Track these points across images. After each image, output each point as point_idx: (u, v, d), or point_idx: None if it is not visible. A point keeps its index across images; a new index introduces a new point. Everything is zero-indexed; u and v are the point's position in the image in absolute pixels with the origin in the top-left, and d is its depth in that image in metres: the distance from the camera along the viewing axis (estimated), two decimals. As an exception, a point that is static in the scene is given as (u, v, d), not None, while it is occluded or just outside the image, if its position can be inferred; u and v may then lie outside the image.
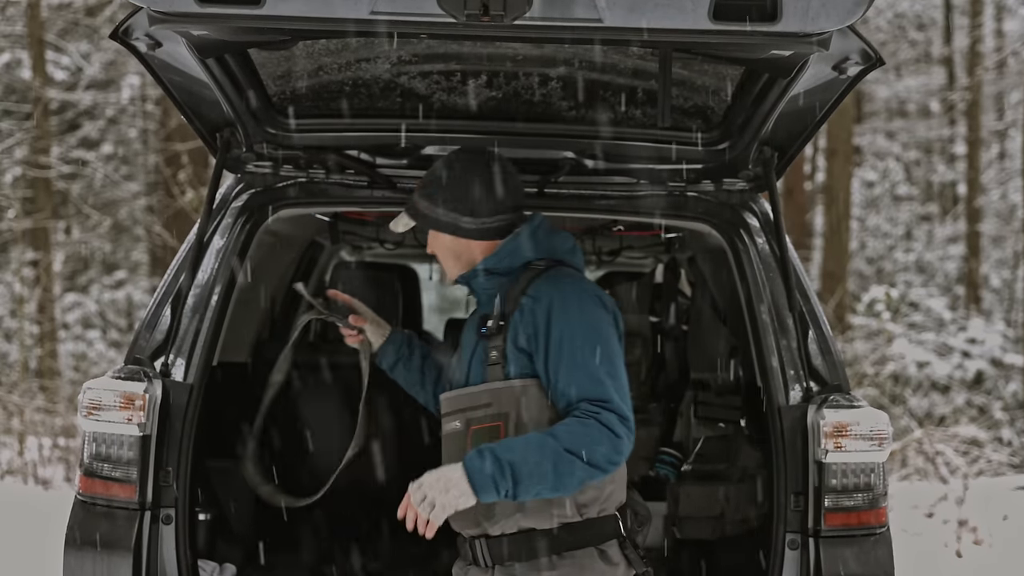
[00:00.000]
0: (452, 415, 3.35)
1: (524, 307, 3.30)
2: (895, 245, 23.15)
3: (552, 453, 3.10)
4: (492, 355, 3.30)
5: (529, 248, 3.43)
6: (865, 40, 3.27)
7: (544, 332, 3.25)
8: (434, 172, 3.48)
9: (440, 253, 3.52)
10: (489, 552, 3.31)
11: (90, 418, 3.87)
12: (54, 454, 11.45)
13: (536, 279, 3.35)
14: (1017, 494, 10.67)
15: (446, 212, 3.44)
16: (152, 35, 3.38)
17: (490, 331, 3.33)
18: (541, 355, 3.25)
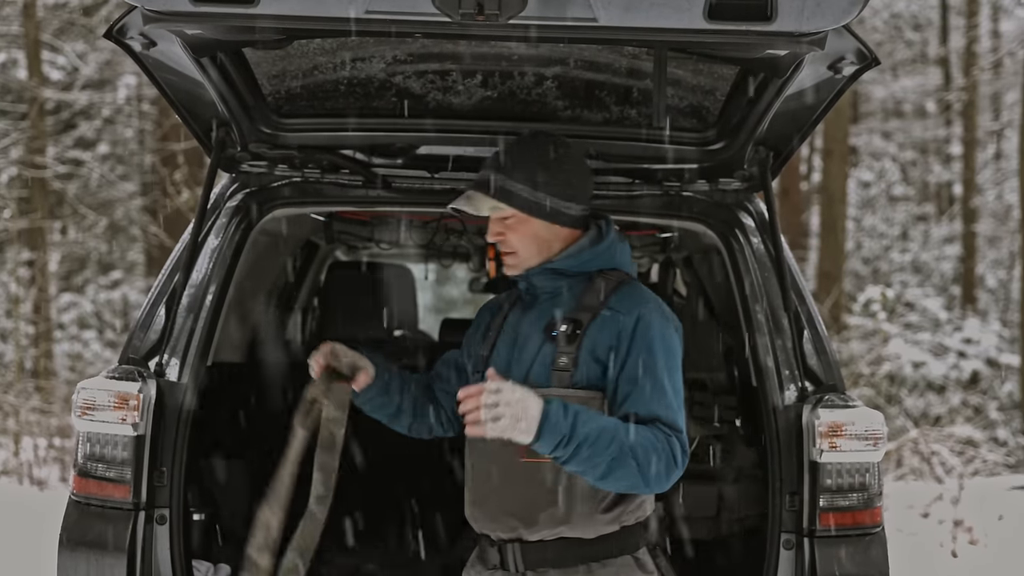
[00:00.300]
0: None
1: (605, 318, 3.20)
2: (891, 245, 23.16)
3: (618, 447, 3.01)
4: (561, 360, 3.18)
5: (613, 255, 3.33)
6: (860, 40, 3.27)
7: (627, 348, 3.17)
8: (525, 152, 3.25)
9: (522, 242, 3.26)
10: (523, 558, 3.22)
11: (84, 418, 3.87)
12: (49, 454, 11.44)
13: (615, 291, 3.25)
14: (1012, 494, 10.68)
15: (547, 196, 3.24)
16: (146, 34, 3.37)
17: (562, 335, 3.20)
18: (617, 370, 3.16)
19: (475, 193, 3.24)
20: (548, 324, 3.25)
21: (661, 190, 4.34)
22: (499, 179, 3.21)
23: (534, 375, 3.21)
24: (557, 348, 3.20)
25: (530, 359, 3.24)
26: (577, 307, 3.24)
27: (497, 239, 3.27)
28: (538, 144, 3.27)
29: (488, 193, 3.22)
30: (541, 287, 3.30)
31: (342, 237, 6.03)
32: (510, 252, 3.28)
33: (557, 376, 3.18)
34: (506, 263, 3.30)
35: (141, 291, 20.01)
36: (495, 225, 3.27)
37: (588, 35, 3.20)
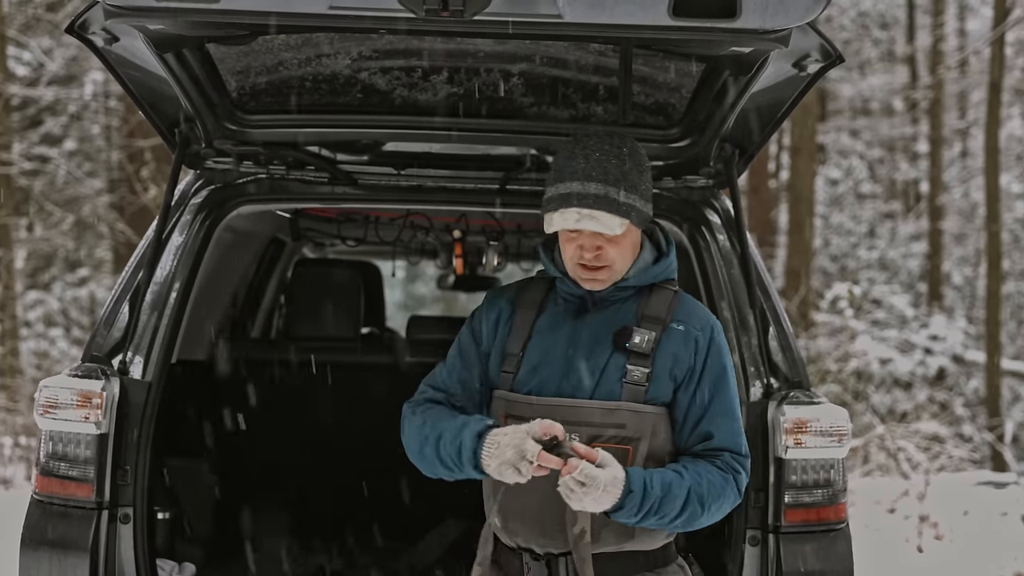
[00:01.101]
0: (573, 426, 3.06)
1: (678, 333, 3.14)
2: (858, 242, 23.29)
3: (688, 498, 3.02)
4: (636, 375, 3.10)
5: (673, 267, 3.27)
6: (824, 37, 3.28)
7: (702, 366, 3.14)
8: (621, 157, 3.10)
9: (622, 255, 3.14)
10: (576, 572, 3.12)
11: (47, 416, 3.84)
12: (15, 453, 11.35)
13: (677, 304, 3.21)
14: (978, 490, 10.76)
15: (647, 203, 3.15)
16: (109, 29, 3.34)
17: (636, 348, 3.11)
18: (692, 388, 3.13)
19: (600, 212, 3.04)
20: (619, 334, 3.14)
21: (627, 187, 4.33)
22: (617, 193, 3.05)
23: (604, 388, 3.12)
24: (629, 360, 3.12)
25: (598, 369, 3.13)
26: (643, 318, 3.17)
27: (594, 253, 3.09)
28: (623, 145, 3.14)
29: (613, 211, 3.04)
30: (604, 295, 3.20)
31: (308, 234, 6.02)
32: (605, 266, 3.12)
33: (630, 390, 3.11)
34: (596, 278, 3.13)
35: (108, 288, 19.87)
36: (594, 240, 3.08)
37: (553, 31, 3.20)
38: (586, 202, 3.04)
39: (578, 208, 3.04)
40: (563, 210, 3.06)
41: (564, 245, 3.15)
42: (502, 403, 3.20)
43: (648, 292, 3.23)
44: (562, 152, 3.15)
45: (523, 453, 2.93)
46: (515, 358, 3.21)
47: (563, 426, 2.99)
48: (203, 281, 4.34)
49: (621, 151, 3.11)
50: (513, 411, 3.15)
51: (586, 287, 3.16)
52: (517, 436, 2.96)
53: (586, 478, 2.91)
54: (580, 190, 3.05)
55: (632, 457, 3.09)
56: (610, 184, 3.05)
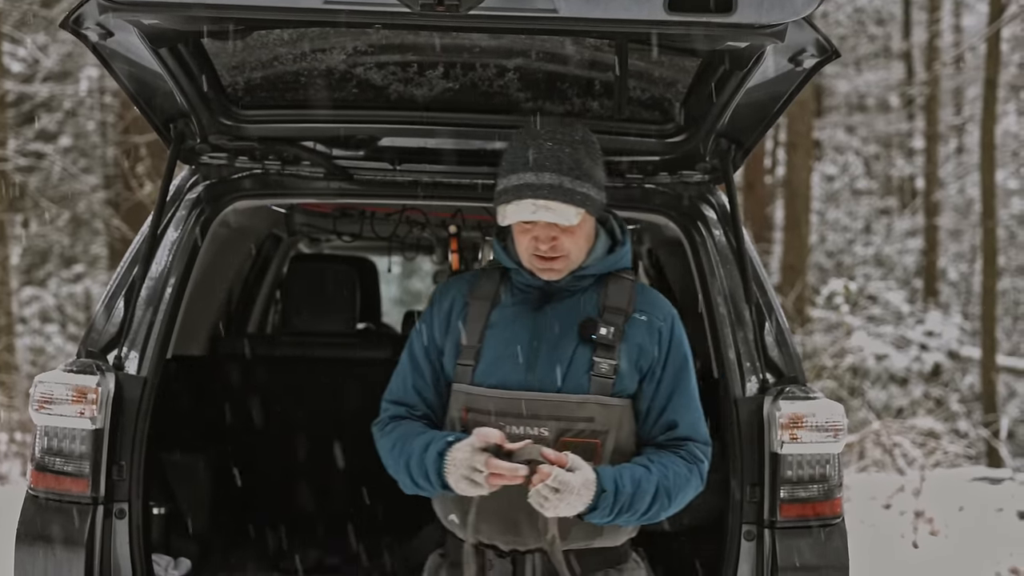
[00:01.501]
0: (541, 420, 3.06)
1: (640, 323, 3.15)
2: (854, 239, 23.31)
3: (657, 492, 3.05)
4: (603, 367, 3.09)
5: (628, 255, 3.27)
6: (820, 32, 3.28)
7: (666, 356, 3.16)
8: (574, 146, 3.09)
9: (577, 244, 3.13)
10: (543, 568, 3.13)
11: (42, 412, 3.83)
12: (11, 449, 11.35)
13: (637, 294, 3.21)
14: (973, 485, 10.78)
15: (600, 190, 3.14)
16: (103, 24, 3.33)
17: (603, 340, 3.11)
18: (655, 379, 3.15)
19: (555, 203, 3.02)
20: (583, 325, 3.13)
21: (623, 182, 4.33)
22: (571, 182, 3.04)
23: (572, 380, 3.10)
24: (595, 352, 3.11)
25: (564, 362, 3.11)
26: (605, 309, 3.16)
27: (550, 244, 3.08)
28: (575, 134, 3.13)
29: (568, 201, 3.02)
30: (562, 286, 3.18)
31: (304, 229, 6.01)
32: (560, 256, 3.10)
33: (598, 383, 3.10)
34: (552, 268, 3.12)
35: (104, 284, 19.85)
36: (549, 230, 3.06)
37: (549, 26, 3.20)
38: (541, 193, 3.02)
39: (533, 199, 3.02)
40: (517, 202, 3.04)
41: (518, 237, 3.13)
42: (461, 396, 3.15)
43: (606, 282, 3.22)
44: (513, 142, 3.14)
45: (473, 465, 2.94)
46: (472, 350, 3.17)
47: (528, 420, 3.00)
48: (198, 276, 4.33)
49: (573, 139, 3.11)
50: (474, 404, 3.12)
51: (543, 278, 3.14)
52: (464, 451, 2.96)
53: (560, 484, 2.90)
54: (534, 181, 3.03)
55: (600, 450, 3.09)
56: (564, 174, 3.04)
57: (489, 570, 3.15)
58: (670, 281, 5.52)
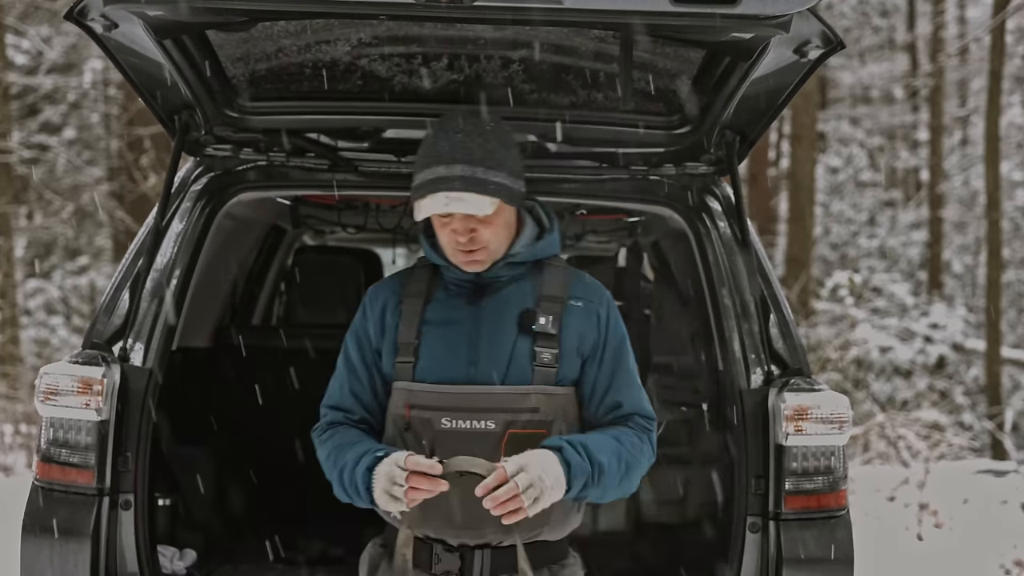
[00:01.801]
0: (487, 413, 3.03)
1: (577, 310, 3.14)
2: (859, 231, 23.29)
3: (623, 463, 3.05)
4: (545, 357, 3.07)
5: (557, 242, 3.26)
6: (825, 23, 3.27)
7: (604, 339, 3.15)
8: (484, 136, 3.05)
9: (496, 235, 3.09)
10: (491, 564, 3.10)
11: (47, 403, 3.84)
12: (16, 441, 11.37)
13: (570, 279, 3.20)
14: (977, 478, 10.78)
15: (516, 179, 3.09)
16: (108, 16, 3.33)
17: (542, 330, 3.09)
18: (596, 362, 3.14)
19: (468, 194, 2.98)
20: (522, 316, 3.12)
21: (628, 174, 4.33)
22: (483, 172, 3.00)
23: (515, 373, 3.08)
24: (536, 343, 3.10)
25: (505, 355, 3.09)
26: (542, 298, 3.15)
27: (468, 236, 3.04)
28: (486, 124, 3.10)
29: (481, 191, 2.99)
30: (495, 276, 3.16)
31: (308, 221, 6.01)
32: (481, 248, 3.07)
33: (541, 373, 3.08)
34: (475, 260, 3.09)
35: (108, 276, 19.88)
36: (466, 222, 3.03)
37: (554, 17, 3.19)
38: (453, 185, 2.99)
39: (446, 192, 2.99)
40: (431, 196, 3.01)
41: (439, 231, 3.11)
42: (403, 394, 3.11)
43: (539, 270, 3.21)
44: (426, 137, 3.11)
45: (393, 479, 2.91)
46: (410, 347, 3.13)
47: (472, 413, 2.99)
48: (203, 268, 4.33)
49: (484, 129, 3.07)
50: (417, 401, 3.08)
51: (467, 270, 3.12)
52: (387, 465, 2.94)
53: (529, 482, 2.87)
54: (446, 173, 3.00)
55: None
56: (475, 164, 3.00)
57: (436, 564, 3.13)
58: (675, 273, 5.51)
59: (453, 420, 3.04)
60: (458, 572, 3.11)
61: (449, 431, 3.03)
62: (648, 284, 5.94)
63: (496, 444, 3.01)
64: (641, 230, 5.79)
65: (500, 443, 3.01)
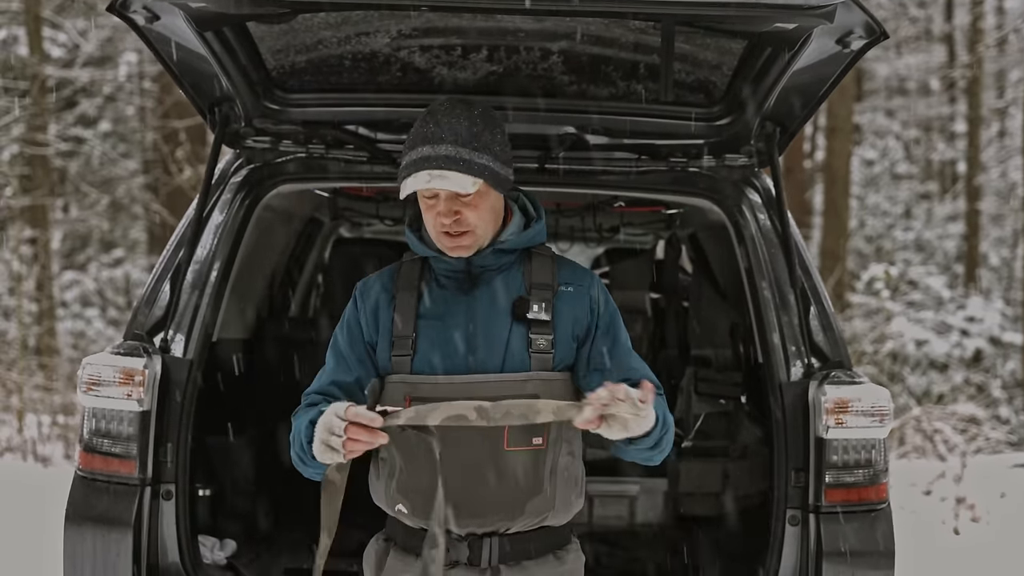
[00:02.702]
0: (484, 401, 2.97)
1: (569, 295, 3.14)
2: (894, 223, 23.14)
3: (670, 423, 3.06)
4: (540, 343, 3.08)
5: (544, 230, 3.26)
6: (869, 13, 3.24)
7: (597, 319, 3.15)
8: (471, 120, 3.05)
9: (481, 218, 3.08)
10: (499, 551, 3.10)
11: (90, 394, 3.87)
12: (53, 431, 11.45)
13: (556, 266, 3.20)
14: (1015, 472, 10.69)
15: (502, 164, 3.09)
16: (150, 7, 3.35)
17: (536, 317, 3.09)
18: (589, 340, 3.13)
19: (450, 172, 2.99)
20: (516, 304, 3.12)
21: (667, 166, 4.31)
22: (467, 152, 3.01)
23: (512, 360, 3.08)
24: (530, 330, 3.10)
25: (502, 343, 3.09)
26: (533, 286, 3.15)
27: (452, 219, 3.04)
28: (474, 109, 3.10)
29: (464, 170, 2.99)
30: (485, 266, 3.15)
31: (346, 213, 6.02)
32: (466, 231, 3.07)
33: (538, 359, 3.08)
34: (460, 244, 3.08)
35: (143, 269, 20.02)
36: (450, 204, 3.03)
37: (597, 8, 3.19)
38: (436, 163, 2.99)
39: (428, 170, 2.99)
40: (415, 174, 3.01)
41: (425, 216, 3.10)
42: (402, 387, 3.10)
43: (527, 259, 3.20)
44: (416, 122, 3.10)
45: (331, 428, 2.88)
46: (407, 340, 3.12)
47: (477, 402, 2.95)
48: (243, 260, 4.35)
49: (472, 114, 3.07)
50: (417, 393, 3.06)
51: (452, 255, 3.11)
52: (326, 415, 2.91)
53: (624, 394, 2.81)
54: (430, 153, 3.00)
55: (548, 427, 3.05)
56: (460, 145, 3.00)
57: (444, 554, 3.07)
58: (713, 265, 5.49)
59: None
60: (467, 561, 3.11)
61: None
62: (686, 276, 5.93)
63: (498, 431, 3.00)
64: (679, 222, 5.77)
65: (502, 430, 3.00)
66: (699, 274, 5.60)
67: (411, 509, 3.11)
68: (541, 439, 3.04)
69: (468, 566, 3.10)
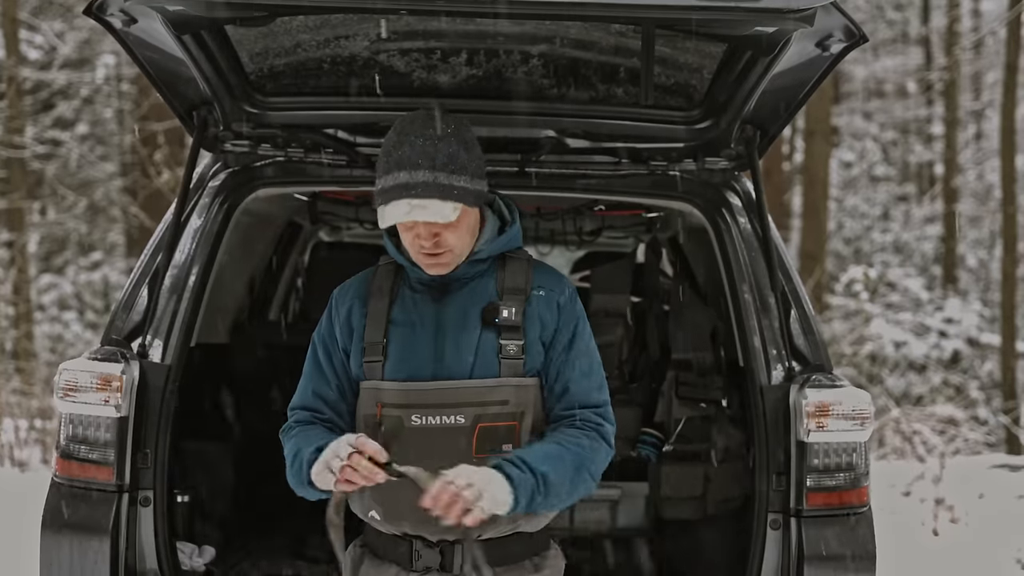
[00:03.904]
0: (456, 408, 3.01)
1: (540, 299, 3.11)
2: (872, 225, 23.23)
3: (572, 470, 2.99)
4: (510, 349, 3.05)
5: (519, 235, 3.24)
6: (848, 17, 3.24)
7: (564, 328, 3.12)
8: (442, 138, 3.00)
9: (461, 238, 3.06)
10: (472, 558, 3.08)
11: (67, 399, 3.84)
12: (31, 436, 11.39)
13: (532, 270, 3.18)
14: (993, 472, 10.73)
15: (477, 180, 3.05)
16: (127, 11, 3.32)
17: (506, 322, 3.07)
18: (557, 352, 3.11)
19: (430, 201, 2.95)
20: (485, 310, 3.09)
21: (647, 169, 4.31)
22: (446, 178, 2.96)
23: (481, 366, 3.06)
24: (500, 335, 3.07)
25: (470, 349, 3.07)
26: (505, 291, 3.13)
27: (432, 241, 3.01)
28: (446, 126, 3.05)
29: (444, 197, 2.95)
30: (458, 275, 3.13)
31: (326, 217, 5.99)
32: (446, 251, 3.04)
33: (508, 365, 3.06)
34: (440, 263, 3.05)
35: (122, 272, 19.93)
36: (430, 227, 2.99)
37: (575, 12, 3.18)
38: (415, 192, 2.94)
39: (408, 200, 2.95)
40: (394, 203, 2.97)
41: (403, 235, 3.08)
42: (373, 393, 3.09)
43: (502, 263, 3.18)
44: (387, 140, 3.06)
45: (337, 452, 2.88)
46: (378, 346, 3.11)
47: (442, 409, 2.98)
48: (221, 264, 4.33)
49: (445, 131, 3.03)
50: (387, 399, 3.06)
51: (430, 273, 3.09)
52: (338, 441, 2.92)
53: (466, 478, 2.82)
54: (408, 180, 2.96)
55: (519, 431, 3.04)
56: (438, 170, 2.96)
57: (416, 560, 3.11)
58: (694, 269, 5.49)
59: (423, 416, 3.02)
60: (439, 567, 3.10)
61: (419, 428, 3.01)
62: (667, 280, 5.92)
63: (467, 438, 3.00)
64: (660, 226, 5.77)
65: (471, 437, 3.00)
66: (680, 277, 5.60)
67: (383, 515, 3.10)
68: (511, 445, 3.02)
69: (440, 571, 3.09)
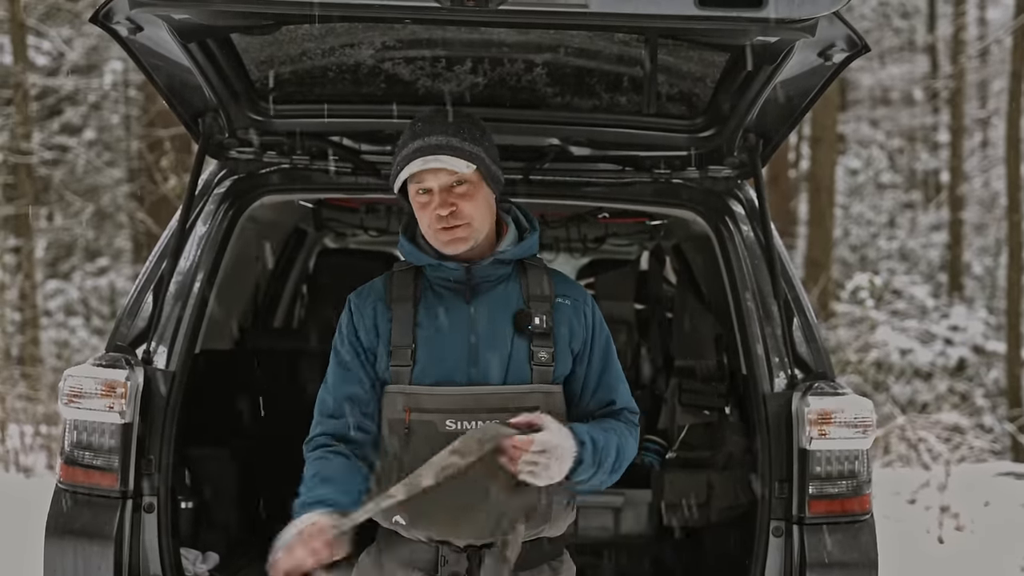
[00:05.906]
0: (491, 413, 3.01)
1: (565, 307, 3.14)
2: (878, 233, 23.21)
3: (616, 452, 3.05)
4: (542, 356, 3.08)
5: (537, 243, 3.26)
6: (851, 26, 3.26)
7: (591, 336, 3.16)
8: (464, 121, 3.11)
9: (477, 209, 3.07)
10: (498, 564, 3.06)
11: (71, 406, 3.85)
12: (36, 442, 11.40)
13: (554, 278, 3.21)
14: (998, 480, 10.72)
15: (493, 162, 3.11)
16: (133, 19, 3.34)
17: (537, 329, 3.10)
18: (586, 360, 3.15)
19: (444, 156, 3.02)
20: (518, 317, 3.11)
21: (651, 177, 4.33)
22: (459, 141, 3.04)
23: (514, 373, 3.08)
24: (532, 342, 3.10)
25: (504, 355, 3.09)
26: (531, 298, 3.15)
27: (448, 210, 3.03)
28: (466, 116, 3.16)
29: (457, 155, 3.02)
30: (484, 276, 3.14)
31: (331, 224, 6.02)
32: (463, 223, 3.05)
33: (539, 372, 3.09)
34: (457, 236, 3.06)
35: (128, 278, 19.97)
36: (446, 196, 3.04)
37: (579, 21, 3.19)
38: (428, 150, 3.03)
39: (422, 157, 3.02)
40: (408, 164, 3.05)
41: (419, 216, 3.10)
42: (401, 398, 3.08)
43: (523, 270, 3.21)
44: (405, 130, 3.15)
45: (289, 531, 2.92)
46: (406, 351, 3.10)
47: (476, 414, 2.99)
48: (226, 271, 4.34)
49: (458, 118, 3.12)
50: (418, 404, 3.06)
51: (449, 251, 3.09)
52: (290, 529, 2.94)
53: (543, 445, 2.87)
54: (422, 144, 3.04)
55: None
56: (451, 135, 3.04)
57: (443, 566, 3.10)
58: (697, 276, 5.50)
59: (458, 421, 3.03)
60: (466, 573, 3.09)
61: (454, 432, 3.00)
62: (670, 287, 5.93)
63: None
64: (663, 233, 5.78)
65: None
66: (683, 285, 5.61)
67: (409, 520, 3.09)
68: None
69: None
